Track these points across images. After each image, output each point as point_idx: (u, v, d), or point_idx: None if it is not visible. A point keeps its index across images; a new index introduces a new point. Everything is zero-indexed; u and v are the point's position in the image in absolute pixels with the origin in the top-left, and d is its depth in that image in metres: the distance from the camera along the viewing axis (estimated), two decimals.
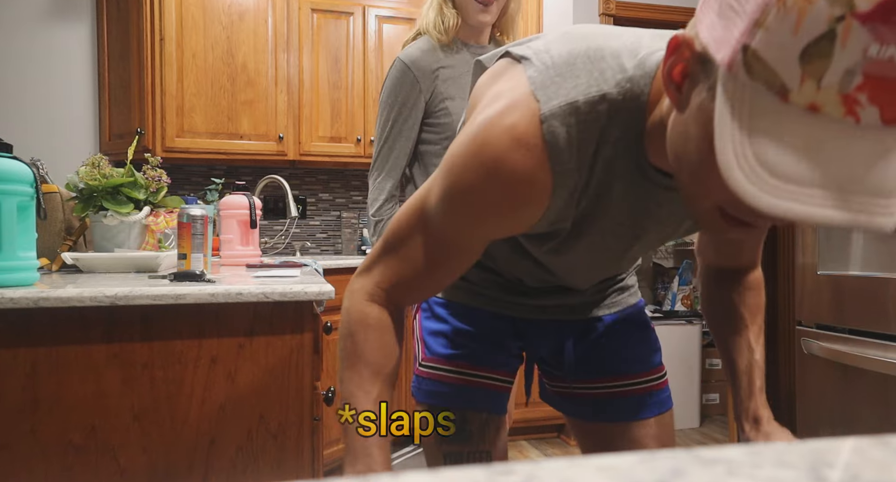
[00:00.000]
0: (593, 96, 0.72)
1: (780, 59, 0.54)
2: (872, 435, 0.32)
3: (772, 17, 0.54)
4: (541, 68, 0.74)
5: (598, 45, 0.75)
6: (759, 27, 0.55)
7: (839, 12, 0.51)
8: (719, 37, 0.59)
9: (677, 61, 0.64)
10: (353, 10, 3.32)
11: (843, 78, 0.53)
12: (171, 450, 1.23)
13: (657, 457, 0.28)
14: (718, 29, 0.59)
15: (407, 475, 0.27)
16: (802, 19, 0.52)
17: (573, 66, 0.73)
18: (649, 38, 0.75)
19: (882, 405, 1.99)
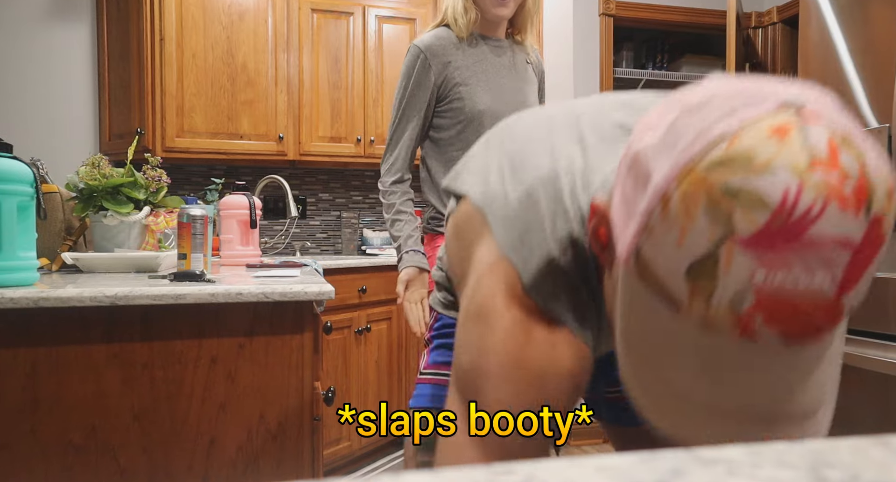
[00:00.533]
0: (565, 244, 0.71)
1: (668, 272, 0.51)
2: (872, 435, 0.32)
3: (657, 226, 0.51)
4: (505, 223, 0.73)
5: (553, 177, 0.72)
6: (646, 233, 0.52)
7: (719, 235, 0.48)
8: (620, 226, 0.57)
9: (599, 225, 0.62)
10: (353, 10, 3.32)
11: (734, 299, 0.49)
12: (171, 450, 1.23)
13: (657, 457, 0.28)
14: (621, 215, 0.57)
15: (407, 475, 0.27)
16: (685, 235, 0.50)
17: (536, 213, 0.72)
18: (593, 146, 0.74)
19: (882, 405, 1.99)
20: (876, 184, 0.49)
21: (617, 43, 3.61)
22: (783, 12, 3.41)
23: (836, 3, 2.17)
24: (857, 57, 2.09)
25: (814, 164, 0.48)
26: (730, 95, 0.52)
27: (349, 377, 2.75)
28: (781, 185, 0.47)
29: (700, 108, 0.52)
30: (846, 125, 0.50)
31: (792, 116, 0.49)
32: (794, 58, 3.26)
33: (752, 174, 0.48)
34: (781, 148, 0.48)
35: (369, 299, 2.84)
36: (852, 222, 0.48)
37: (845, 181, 0.48)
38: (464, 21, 1.66)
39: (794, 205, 0.47)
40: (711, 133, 0.50)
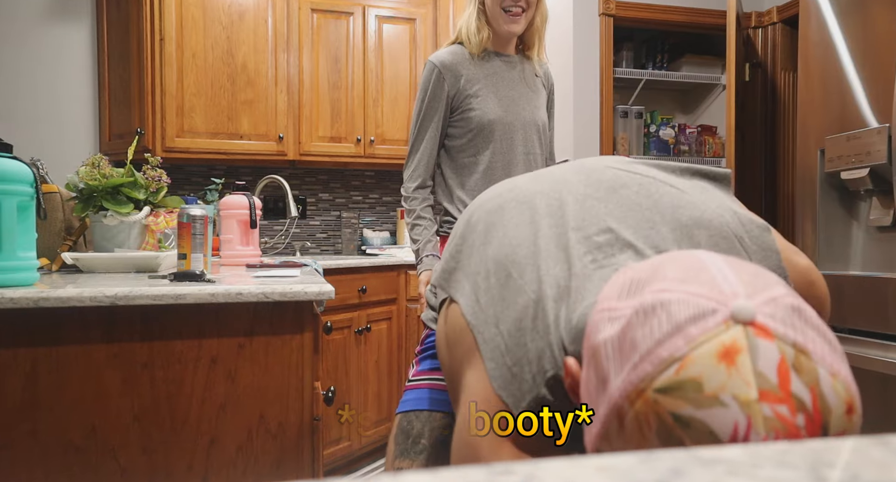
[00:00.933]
0: (552, 382, 0.72)
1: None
2: (872, 435, 0.32)
3: (613, 437, 0.52)
4: (496, 356, 0.75)
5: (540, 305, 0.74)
6: (605, 440, 0.53)
7: None
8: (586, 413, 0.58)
9: (574, 384, 0.63)
10: (353, 10, 3.32)
11: None
12: (171, 450, 1.23)
13: (657, 457, 0.28)
14: (586, 400, 0.58)
15: (407, 475, 0.27)
16: None
17: (524, 348, 0.73)
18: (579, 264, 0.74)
19: (882, 405, 1.99)
20: (832, 406, 0.48)
21: (617, 43, 3.61)
22: (783, 12, 3.41)
23: (836, 3, 2.17)
24: (857, 57, 2.09)
25: (764, 396, 0.47)
26: (681, 302, 0.51)
27: (349, 377, 2.75)
28: (731, 420, 0.47)
29: (650, 316, 0.52)
30: (801, 336, 0.49)
31: (741, 334, 0.49)
32: (794, 58, 3.26)
33: (702, 405, 0.47)
34: (730, 376, 0.47)
35: (369, 299, 2.84)
36: None
37: (797, 413, 0.47)
38: (476, 40, 1.78)
39: (744, 441, 0.47)
40: (661, 353, 0.50)
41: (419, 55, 3.44)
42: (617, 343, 0.53)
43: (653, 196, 0.80)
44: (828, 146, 2.16)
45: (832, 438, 0.48)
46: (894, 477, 0.26)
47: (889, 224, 2.04)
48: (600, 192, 0.81)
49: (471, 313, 0.79)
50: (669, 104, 4.02)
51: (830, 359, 0.49)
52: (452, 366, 0.84)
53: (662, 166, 0.88)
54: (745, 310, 0.49)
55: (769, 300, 0.51)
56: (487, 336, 0.76)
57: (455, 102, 1.80)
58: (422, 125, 1.81)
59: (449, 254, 0.89)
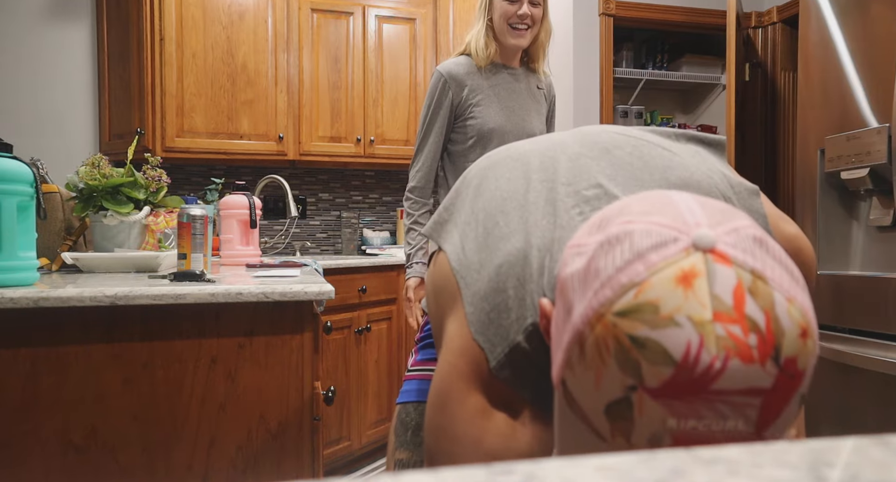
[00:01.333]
0: (529, 330, 0.73)
1: (589, 408, 0.53)
2: (872, 435, 0.32)
3: (576, 364, 0.53)
4: (475, 300, 0.76)
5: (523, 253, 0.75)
6: (568, 368, 0.53)
7: (630, 382, 0.49)
8: (554, 347, 0.58)
9: (548, 325, 0.63)
10: (353, 10, 3.32)
11: (652, 440, 0.50)
12: (171, 450, 1.23)
13: (657, 456, 0.28)
14: (555, 336, 0.58)
15: (407, 475, 0.27)
16: (600, 378, 0.51)
17: (504, 294, 0.74)
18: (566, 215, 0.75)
19: (882, 405, 1.99)
20: (785, 328, 0.49)
21: (617, 43, 3.61)
22: (783, 12, 3.41)
23: (836, 3, 2.17)
24: (857, 57, 2.09)
25: (718, 316, 0.48)
26: (643, 233, 0.52)
27: (349, 377, 2.75)
28: (684, 339, 0.48)
29: (615, 245, 0.53)
30: (759, 263, 0.50)
31: (700, 260, 0.50)
32: (794, 58, 3.26)
33: (657, 326, 0.48)
34: (687, 298, 0.49)
35: (369, 299, 2.84)
36: (758, 373, 0.48)
37: (749, 333, 0.48)
38: (484, 54, 1.88)
39: (696, 360, 0.48)
40: (621, 279, 0.51)
41: (419, 55, 3.44)
42: (582, 274, 0.54)
43: (644, 157, 0.81)
44: (828, 146, 2.16)
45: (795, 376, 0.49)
46: (894, 477, 0.26)
47: (889, 224, 2.04)
48: (594, 151, 0.82)
49: (455, 260, 0.80)
50: (669, 104, 4.02)
51: (788, 286, 0.50)
52: (438, 315, 0.84)
53: (658, 131, 0.89)
54: (706, 238, 0.50)
55: (731, 230, 0.52)
56: (469, 281, 0.77)
57: (458, 110, 1.90)
58: (426, 130, 1.92)
59: (443, 207, 0.91)
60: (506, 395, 0.74)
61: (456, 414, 0.74)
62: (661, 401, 0.49)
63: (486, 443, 0.73)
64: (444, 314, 0.81)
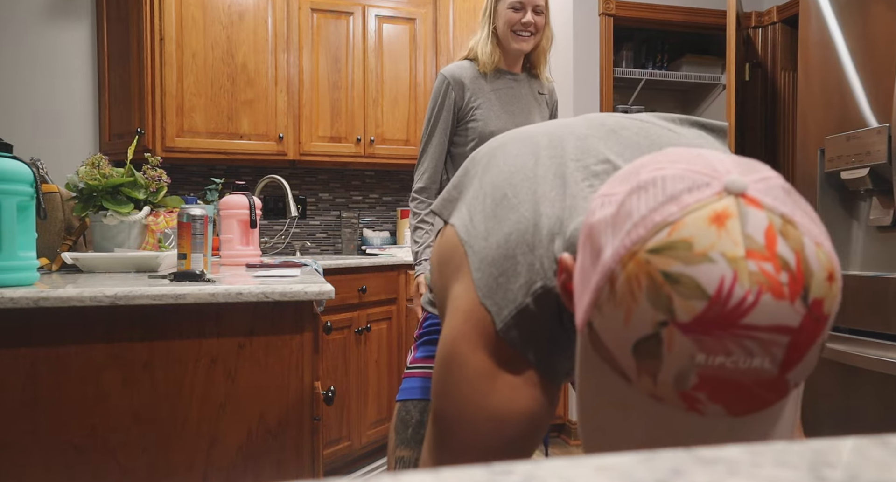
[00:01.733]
0: (539, 293, 0.74)
1: (617, 348, 0.54)
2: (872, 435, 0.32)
3: (605, 304, 0.54)
4: (482, 265, 0.76)
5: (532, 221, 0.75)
6: (597, 309, 0.55)
7: (661, 318, 0.50)
8: (578, 293, 0.59)
9: (567, 280, 0.64)
10: (353, 10, 3.32)
11: (678, 378, 0.51)
12: (171, 450, 1.23)
13: (657, 456, 0.28)
14: (579, 282, 0.59)
15: (407, 475, 0.27)
16: (630, 315, 0.52)
17: (513, 260, 0.75)
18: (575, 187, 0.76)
19: (882, 405, 1.99)
20: (814, 270, 0.50)
21: (617, 43, 3.61)
22: (783, 12, 3.41)
23: (836, 3, 2.17)
24: (857, 57, 2.09)
25: (750, 254, 0.50)
26: (676, 178, 0.54)
27: (349, 377, 2.75)
28: (718, 274, 0.49)
29: (647, 189, 0.54)
30: (788, 209, 0.52)
31: (732, 203, 0.51)
32: (794, 58, 3.26)
33: (691, 262, 0.50)
34: (720, 236, 0.50)
35: (369, 299, 2.84)
36: (787, 310, 0.49)
37: (780, 271, 0.49)
38: (489, 61, 1.93)
39: (729, 294, 0.49)
40: (655, 218, 0.52)
41: (419, 55, 3.44)
42: (612, 218, 0.55)
43: (650, 136, 0.82)
44: (828, 146, 2.16)
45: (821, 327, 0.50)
46: (894, 477, 0.26)
47: (889, 224, 2.04)
48: (601, 132, 0.83)
49: (463, 230, 0.81)
50: (669, 104, 4.02)
51: (816, 232, 0.52)
52: (442, 284, 0.85)
53: (663, 116, 0.91)
54: (738, 183, 0.52)
55: (761, 179, 0.53)
56: (476, 248, 0.78)
57: (461, 113, 1.95)
58: (431, 132, 1.97)
59: (451, 185, 0.92)
60: (510, 358, 0.74)
61: (462, 375, 0.75)
62: (691, 337, 0.50)
63: (490, 404, 0.74)
64: (449, 283, 0.82)
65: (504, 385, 0.74)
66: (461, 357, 0.75)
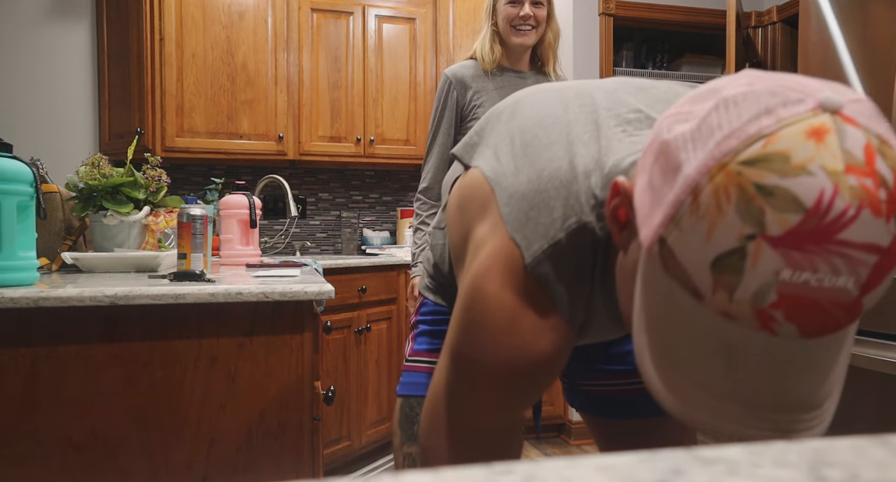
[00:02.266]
0: (574, 228, 0.71)
1: (693, 263, 0.52)
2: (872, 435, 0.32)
3: (685, 218, 0.52)
4: (512, 200, 0.73)
5: (567, 159, 0.73)
6: (674, 224, 0.53)
7: (749, 231, 0.49)
8: (644, 212, 0.57)
9: (620, 205, 0.62)
10: (353, 10, 3.32)
11: (757, 294, 0.50)
12: (171, 450, 1.23)
13: (657, 456, 0.28)
14: (646, 201, 0.57)
15: (407, 475, 0.27)
16: (713, 229, 0.50)
17: (545, 194, 0.72)
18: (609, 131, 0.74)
19: (882, 405, 1.99)
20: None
21: (617, 43, 3.61)
22: (783, 12, 3.41)
23: (836, 3, 2.17)
24: (857, 57, 2.09)
25: (850, 169, 0.48)
26: (768, 92, 0.52)
27: (349, 377, 2.75)
28: (817, 187, 0.48)
29: (737, 104, 0.52)
30: (883, 130, 0.51)
31: (829, 119, 0.50)
32: (794, 58, 3.26)
33: (788, 174, 0.48)
34: (819, 150, 0.48)
35: (369, 299, 2.84)
36: (881, 229, 0.48)
37: (879, 188, 0.48)
38: (490, 58, 1.92)
39: (829, 208, 0.48)
40: (749, 130, 0.50)
41: (419, 55, 3.44)
42: (694, 132, 0.54)
43: (679, 95, 0.81)
44: None
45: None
46: (894, 477, 0.26)
47: None
48: (630, 88, 0.82)
49: (489, 170, 0.78)
50: None
51: None
52: (462, 228, 0.82)
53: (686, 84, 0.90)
54: (834, 100, 0.50)
55: (854, 100, 0.52)
56: (505, 185, 0.75)
57: (463, 112, 1.94)
58: (435, 132, 1.97)
59: (473, 132, 0.89)
60: (536, 298, 0.72)
61: (485, 313, 0.72)
62: (780, 251, 0.49)
63: (512, 342, 0.72)
64: (471, 223, 0.79)
65: (527, 325, 0.71)
66: (486, 295, 0.72)
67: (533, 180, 0.73)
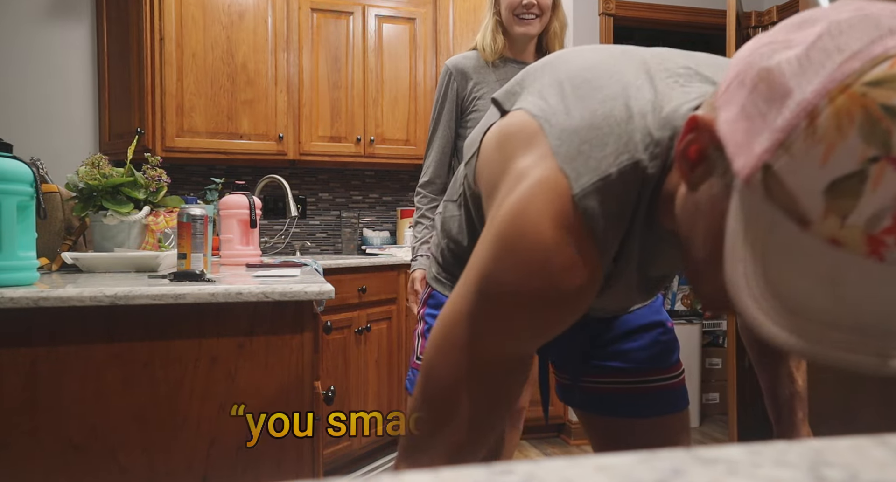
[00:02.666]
0: (625, 165, 0.68)
1: (803, 189, 0.51)
2: (872, 435, 0.32)
3: (798, 142, 0.51)
4: (563, 134, 0.70)
5: (621, 101, 0.71)
6: (783, 149, 0.52)
7: (873, 153, 0.48)
8: (739, 141, 0.56)
9: (694, 141, 0.61)
10: (353, 10, 3.32)
11: (871, 219, 0.49)
12: (171, 450, 1.23)
13: (657, 456, 0.28)
14: (740, 131, 0.56)
15: (407, 475, 0.27)
16: (831, 152, 0.49)
17: (599, 130, 0.69)
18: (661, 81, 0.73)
19: (882, 405, 1.99)
20: None
21: (617, 42, 3.61)
22: (783, 12, 3.41)
23: None
24: None
25: None
26: (888, 15, 0.51)
27: (349, 377, 2.75)
28: None
29: (852, 27, 0.52)
30: None
31: None
32: None
33: None
34: None
35: (369, 299, 2.84)
36: None
37: None
38: (491, 48, 1.87)
39: None
40: (874, 50, 0.50)
41: (419, 55, 3.44)
42: (803, 58, 0.53)
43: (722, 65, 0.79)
44: None
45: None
46: (894, 477, 0.26)
47: None
48: (672, 52, 0.80)
49: (537, 109, 0.75)
50: None
51: None
52: (499, 166, 0.78)
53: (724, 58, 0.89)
54: None
55: None
56: (554, 121, 0.72)
57: (464, 104, 1.90)
58: (435, 124, 1.93)
59: (514, 82, 0.86)
60: (576, 232, 0.69)
61: (523, 240, 0.69)
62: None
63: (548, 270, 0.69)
64: (512, 156, 0.75)
65: (563, 256, 0.68)
66: (526, 221, 0.69)
67: (586, 117, 0.70)
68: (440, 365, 0.78)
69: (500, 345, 0.76)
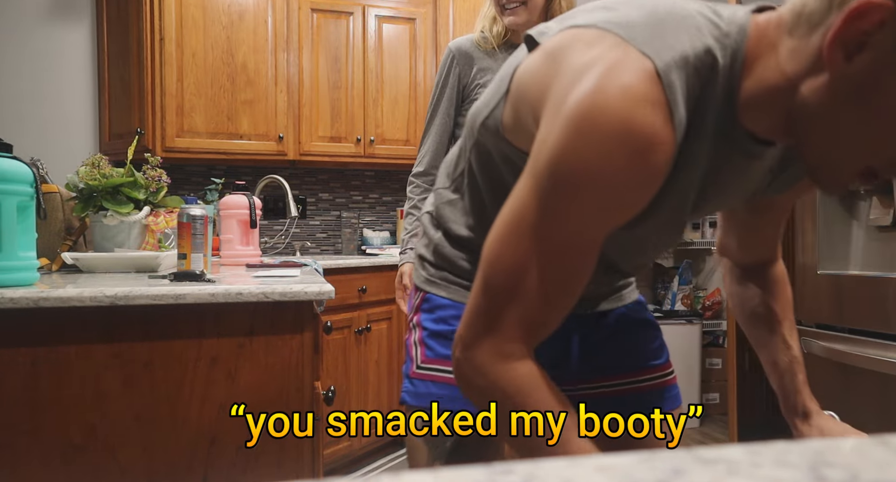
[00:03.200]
0: (700, 50, 0.67)
1: None
2: (872, 435, 0.32)
3: None
4: (632, 27, 0.67)
5: (680, 4, 0.70)
6: None
7: None
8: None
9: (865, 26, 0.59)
10: (353, 10, 3.32)
11: None
12: (171, 450, 1.23)
13: (657, 456, 0.28)
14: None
15: (407, 475, 0.27)
16: None
17: (665, 25, 0.68)
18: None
19: (882, 405, 1.99)
20: None
21: None
22: None
23: None
24: None
25: None
26: None
27: (349, 377, 2.75)
28: None
29: None
30: None
31: None
32: None
33: None
34: None
35: (369, 299, 2.84)
36: None
37: None
38: (492, 34, 1.77)
39: None
40: None
41: (419, 55, 3.44)
42: None
43: None
44: None
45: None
46: (894, 477, 0.26)
47: (889, 224, 2.04)
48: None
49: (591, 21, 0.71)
50: None
51: None
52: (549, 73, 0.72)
53: None
54: None
55: None
56: (616, 22, 0.68)
57: (466, 91, 1.79)
58: (434, 110, 1.82)
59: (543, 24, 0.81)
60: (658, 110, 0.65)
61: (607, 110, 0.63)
62: None
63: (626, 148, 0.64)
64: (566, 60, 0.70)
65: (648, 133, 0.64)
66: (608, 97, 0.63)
67: (647, 16, 0.69)
68: (507, 255, 0.73)
69: (578, 230, 0.70)
